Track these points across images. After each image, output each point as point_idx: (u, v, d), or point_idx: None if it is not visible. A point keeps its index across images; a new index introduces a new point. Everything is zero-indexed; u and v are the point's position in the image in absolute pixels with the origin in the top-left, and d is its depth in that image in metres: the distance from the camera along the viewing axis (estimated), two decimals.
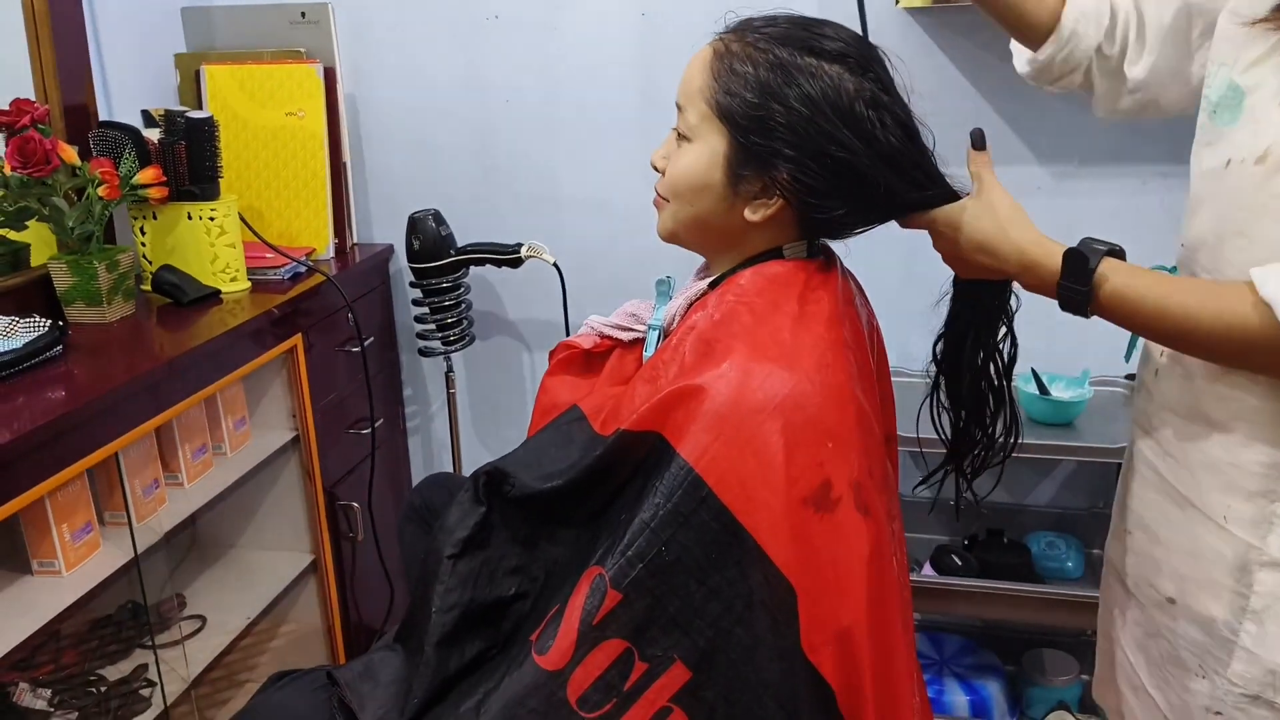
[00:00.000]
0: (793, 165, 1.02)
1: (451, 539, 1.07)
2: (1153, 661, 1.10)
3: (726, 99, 1.03)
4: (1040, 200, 1.97)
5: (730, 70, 1.03)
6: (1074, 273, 0.96)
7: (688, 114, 1.07)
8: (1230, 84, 0.94)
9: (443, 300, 2.09)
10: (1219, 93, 0.96)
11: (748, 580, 0.97)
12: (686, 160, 1.07)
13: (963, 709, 1.98)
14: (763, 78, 1.01)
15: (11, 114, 1.60)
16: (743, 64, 1.03)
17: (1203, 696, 1.02)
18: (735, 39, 1.05)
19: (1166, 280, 0.94)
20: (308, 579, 2.02)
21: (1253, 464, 0.95)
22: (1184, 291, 0.92)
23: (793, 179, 1.02)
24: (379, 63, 2.19)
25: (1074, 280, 0.96)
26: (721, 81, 1.03)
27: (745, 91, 1.02)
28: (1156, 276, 0.95)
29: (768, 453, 0.96)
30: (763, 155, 1.02)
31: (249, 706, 1.19)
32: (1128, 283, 0.94)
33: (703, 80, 1.05)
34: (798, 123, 1.01)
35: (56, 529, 1.43)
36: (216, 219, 1.83)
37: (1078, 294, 0.96)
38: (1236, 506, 0.97)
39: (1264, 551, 0.95)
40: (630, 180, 2.10)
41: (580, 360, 1.25)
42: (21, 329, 1.50)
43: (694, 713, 0.99)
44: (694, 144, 1.06)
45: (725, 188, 1.06)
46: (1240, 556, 0.97)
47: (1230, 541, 0.97)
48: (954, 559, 1.96)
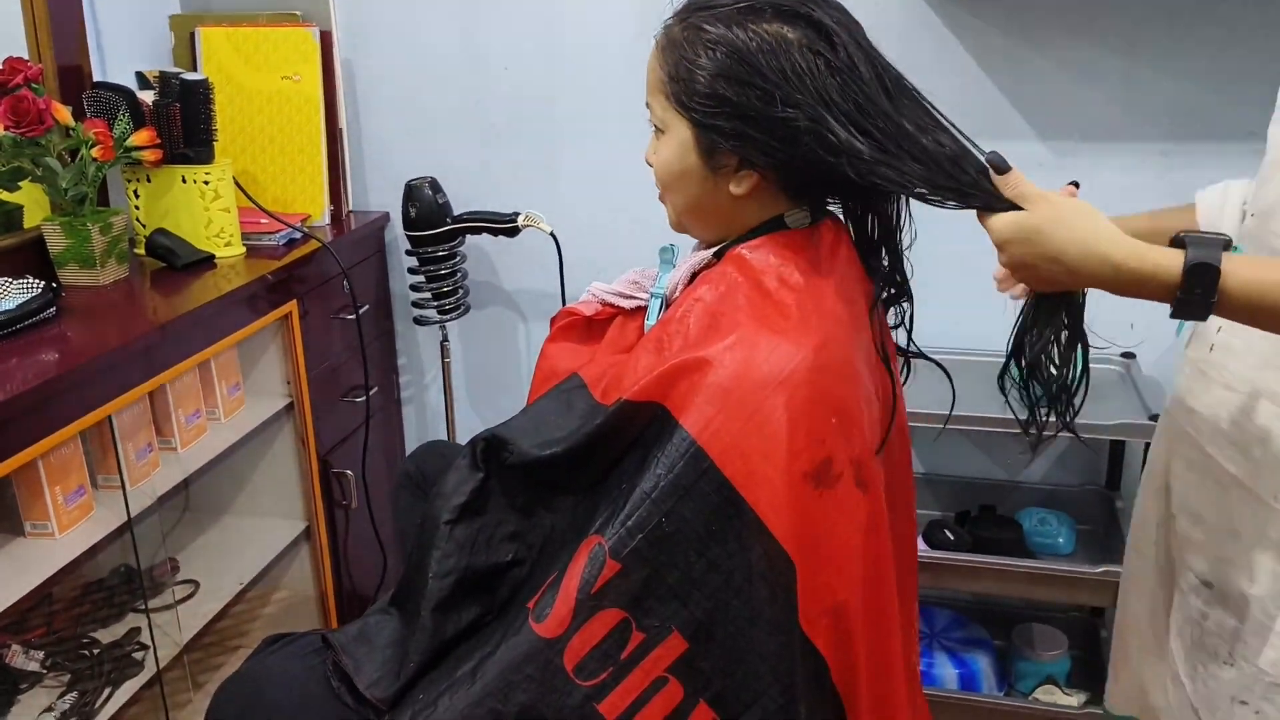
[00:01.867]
0: (746, 138, 1.01)
1: (449, 505, 1.06)
2: (1187, 649, 1.09)
3: (676, 86, 1.04)
4: (1041, 176, 1.91)
5: (675, 58, 1.04)
6: (1200, 284, 0.89)
7: (654, 108, 1.09)
8: None
9: (438, 269, 2.08)
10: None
11: (747, 553, 0.97)
12: (664, 153, 1.08)
13: (952, 682, 1.99)
14: (703, 59, 1.01)
15: (4, 72, 1.58)
16: (684, 50, 1.03)
17: (1230, 685, 1.00)
18: (677, 24, 1.06)
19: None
20: (301, 546, 2.02)
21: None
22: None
23: (755, 149, 1.01)
24: (376, 27, 2.16)
25: (1200, 290, 0.89)
26: (668, 70, 1.05)
27: (690, 77, 1.02)
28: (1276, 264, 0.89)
29: (771, 427, 0.96)
30: (722, 132, 1.02)
31: (243, 669, 1.19)
32: (1251, 278, 0.88)
33: (655, 73, 1.07)
34: (740, 94, 0.99)
35: (49, 491, 1.42)
36: (211, 183, 1.81)
37: (1202, 303, 0.89)
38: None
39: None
40: (628, 151, 2.07)
41: (581, 327, 1.24)
42: (14, 290, 1.49)
43: (690, 683, 0.99)
44: (667, 135, 1.08)
45: (703, 169, 1.06)
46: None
47: (1278, 522, 0.95)
48: (946, 534, 1.96)
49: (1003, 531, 1.97)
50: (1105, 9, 1.86)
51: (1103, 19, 1.87)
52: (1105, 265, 0.91)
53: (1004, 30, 1.91)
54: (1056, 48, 1.90)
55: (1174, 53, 1.86)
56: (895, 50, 1.05)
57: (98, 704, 1.52)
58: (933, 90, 1.06)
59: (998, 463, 2.16)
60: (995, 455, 2.15)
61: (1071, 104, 1.93)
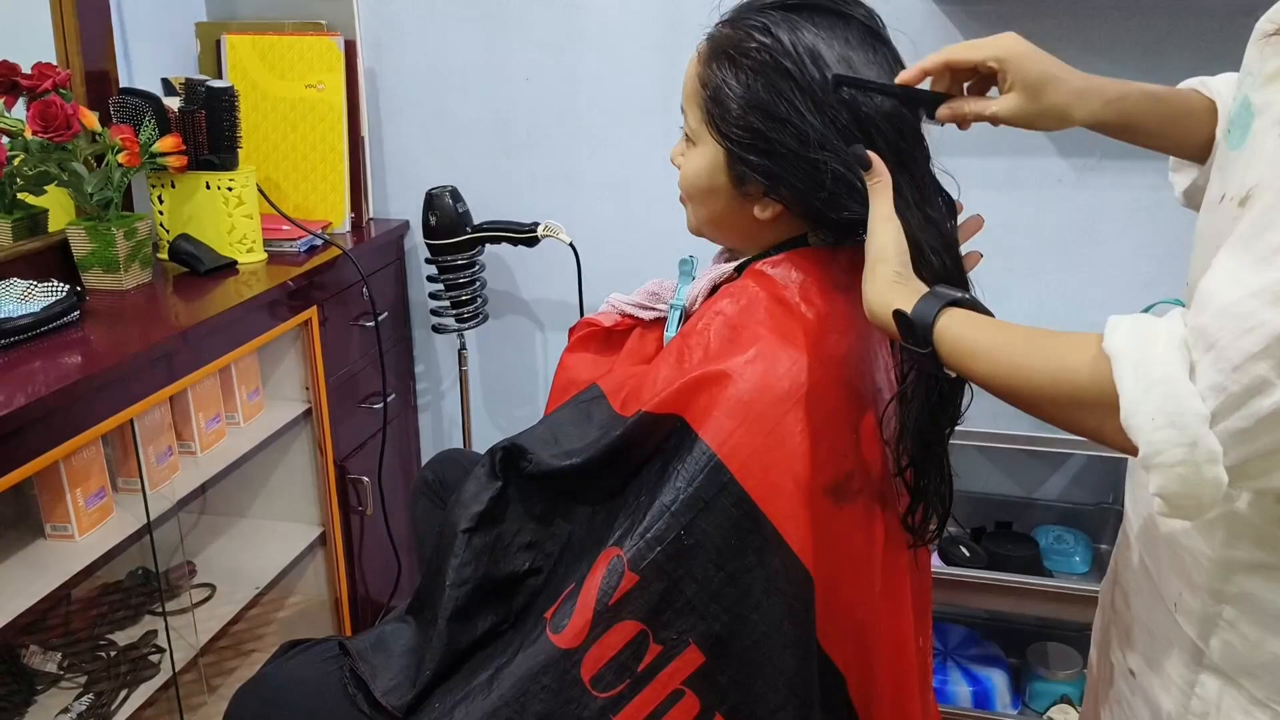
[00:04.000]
0: (774, 175, 0.99)
1: (467, 513, 1.07)
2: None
3: (714, 109, 1.01)
4: (1061, 193, 1.96)
5: (715, 78, 1.00)
6: (909, 337, 0.87)
7: (689, 118, 1.06)
8: (1244, 100, 0.82)
9: (457, 277, 2.08)
10: (1234, 109, 0.84)
11: (766, 567, 0.97)
12: (693, 165, 1.06)
13: (965, 699, 1.98)
14: (740, 89, 0.98)
15: (34, 78, 1.59)
16: (724, 70, 0.99)
17: None
18: (722, 38, 1.01)
19: (1004, 332, 0.83)
20: (316, 551, 2.03)
21: (1203, 554, 0.84)
22: (1021, 350, 0.81)
23: (781, 185, 1.00)
24: (400, 37, 2.18)
25: (913, 343, 0.87)
26: (709, 89, 1.01)
27: (728, 100, 0.99)
28: (994, 329, 0.84)
29: (791, 442, 0.96)
30: (751, 165, 1.00)
31: (261, 674, 1.19)
32: (961, 344, 0.84)
33: (694, 86, 1.04)
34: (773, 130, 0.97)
35: (71, 493, 1.43)
36: (235, 189, 1.83)
37: (921, 358, 0.87)
38: (1186, 597, 0.87)
39: (1206, 655, 0.85)
40: (648, 162, 2.09)
41: (600, 338, 1.25)
42: (39, 293, 1.50)
43: (706, 697, 0.99)
44: (698, 147, 1.05)
45: (730, 189, 1.04)
46: (1185, 651, 0.87)
47: (1179, 633, 0.87)
48: (962, 550, 1.96)
49: (1019, 549, 1.96)
50: (1127, 23, 1.86)
51: (1124, 33, 1.86)
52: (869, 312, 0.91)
53: None
54: (1077, 63, 1.88)
55: (1197, 67, 1.85)
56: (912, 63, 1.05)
57: (114, 706, 1.53)
58: None
59: (1014, 479, 2.15)
60: (1012, 472, 2.15)
61: None
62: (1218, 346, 0.69)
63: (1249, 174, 0.77)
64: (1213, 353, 0.69)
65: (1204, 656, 0.85)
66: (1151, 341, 0.71)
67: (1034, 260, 1.98)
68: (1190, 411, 0.69)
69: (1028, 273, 1.99)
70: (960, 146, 1.04)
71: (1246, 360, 0.67)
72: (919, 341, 0.86)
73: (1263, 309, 0.67)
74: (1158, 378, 0.70)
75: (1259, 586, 0.81)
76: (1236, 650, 0.83)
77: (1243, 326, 0.67)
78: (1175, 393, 0.69)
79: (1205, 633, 0.84)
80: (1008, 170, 1.96)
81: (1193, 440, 0.69)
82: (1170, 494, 0.71)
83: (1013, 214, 1.96)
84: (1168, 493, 0.71)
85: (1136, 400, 0.70)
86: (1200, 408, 0.69)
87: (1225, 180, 0.83)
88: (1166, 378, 0.70)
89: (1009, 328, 0.84)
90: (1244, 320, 0.68)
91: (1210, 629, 0.84)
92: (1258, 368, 0.67)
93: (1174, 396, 0.69)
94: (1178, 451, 0.69)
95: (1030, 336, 0.82)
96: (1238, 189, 0.78)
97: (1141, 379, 0.70)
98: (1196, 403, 0.69)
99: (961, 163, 1.05)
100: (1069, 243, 1.99)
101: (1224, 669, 0.84)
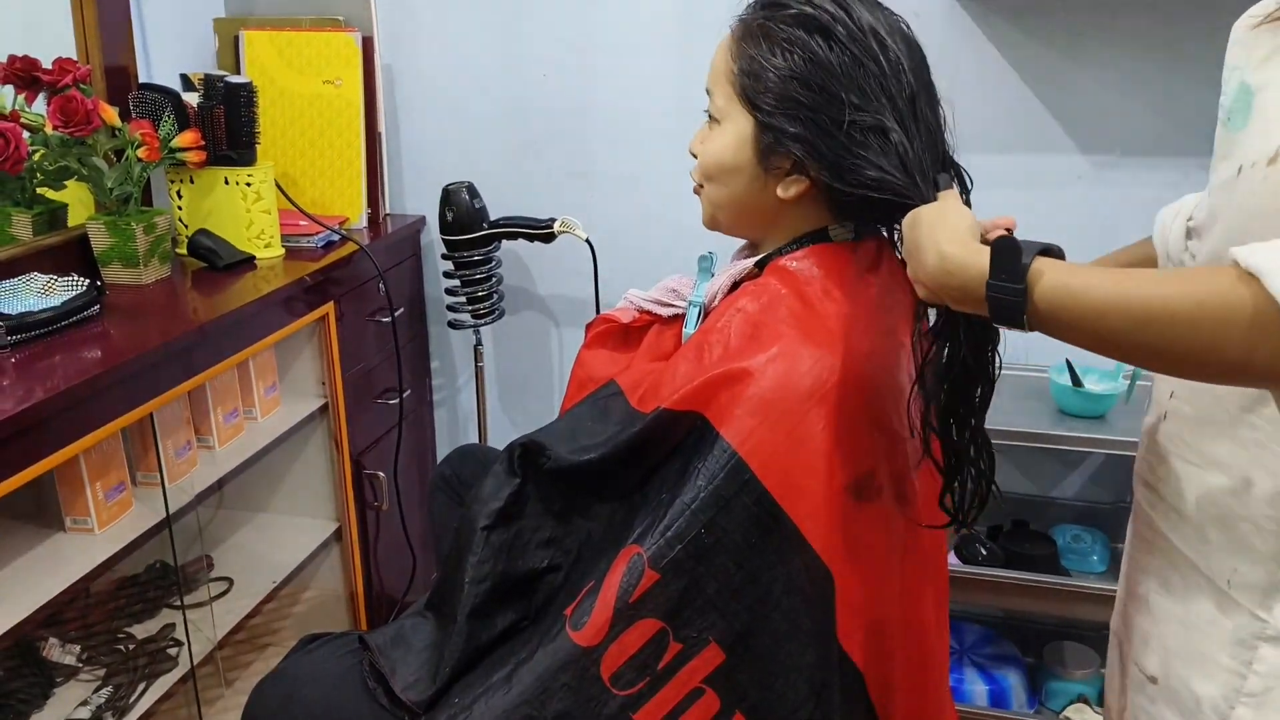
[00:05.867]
0: (807, 143, 1.00)
1: (486, 510, 1.07)
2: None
3: (745, 80, 1.03)
4: (1081, 190, 1.95)
5: (748, 52, 1.03)
6: (1005, 268, 0.81)
7: (715, 97, 1.07)
8: (1242, 85, 0.84)
9: (474, 273, 2.08)
10: (1232, 97, 0.86)
11: (787, 565, 0.97)
12: (717, 143, 1.07)
13: (982, 698, 1.97)
14: (778, 58, 1.00)
15: (54, 73, 1.60)
16: (758, 45, 1.02)
17: None
18: (755, 18, 1.04)
19: (1116, 272, 0.79)
20: (332, 546, 2.03)
21: (1269, 519, 0.83)
22: (1141, 281, 0.76)
23: (813, 155, 1.00)
24: (417, 32, 2.18)
25: (1006, 277, 0.80)
26: (740, 63, 1.03)
27: (762, 71, 1.01)
28: (1103, 270, 0.80)
29: (813, 440, 0.96)
30: (785, 134, 1.01)
31: (281, 667, 1.20)
32: (1069, 278, 0.79)
33: (724, 63, 1.06)
34: (811, 99, 0.98)
35: (90, 487, 1.44)
36: (253, 185, 1.83)
37: (1010, 294, 0.80)
38: (1244, 570, 0.85)
39: (1269, 624, 0.84)
40: (665, 158, 2.09)
41: (618, 334, 1.25)
42: (59, 288, 1.51)
43: (726, 695, 0.99)
44: (723, 126, 1.06)
45: (755, 167, 1.05)
46: (1241, 628, 0.85)
47: (1232, 611, 0.86)
48: (979, 548, 1.95)
49: (1036, 548, 1.95)
50: (1147, 21, 1.84)
51: (1145, 31, 1.85)
52: (936, 255, 0.85)
53: (1046, 42, 1.90)
54: (1098, 60, 1.89)
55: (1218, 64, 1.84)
56: (936, 62, 1.05)
57: (132, 699, 1.54)
58: (974, 102, 1.06)
59: (1031, 478, 2.14)
60: (1029, 470, 2.14)
61: (1112, 116, 1.91)
62: None
63: (1269, 138, 0.77)
64: None
65: (1267, 628, 0.84)
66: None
67: None
68: None
69: None
70: (979, 144, 1.04)
71: None
72: (1015, 278, 0.80)
73: None
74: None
75: None
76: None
77: None
78: None
79: (1269, 601, 0.84)
80: (1027, 167, 1.95)
81: None
82: None
83: (1032, 211, 1.95)
84: None
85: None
86: None
87: (1239, 155, 0.82)
88: None
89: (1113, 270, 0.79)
90: None
91: (1274, 597, 0.83)
92: None
93: None
94: None
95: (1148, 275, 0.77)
96: (1260, 153, 0.78)
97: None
98: None
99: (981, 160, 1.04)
100: (1089, 240, 1.96)
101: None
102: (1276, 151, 0.76)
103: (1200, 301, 0.72)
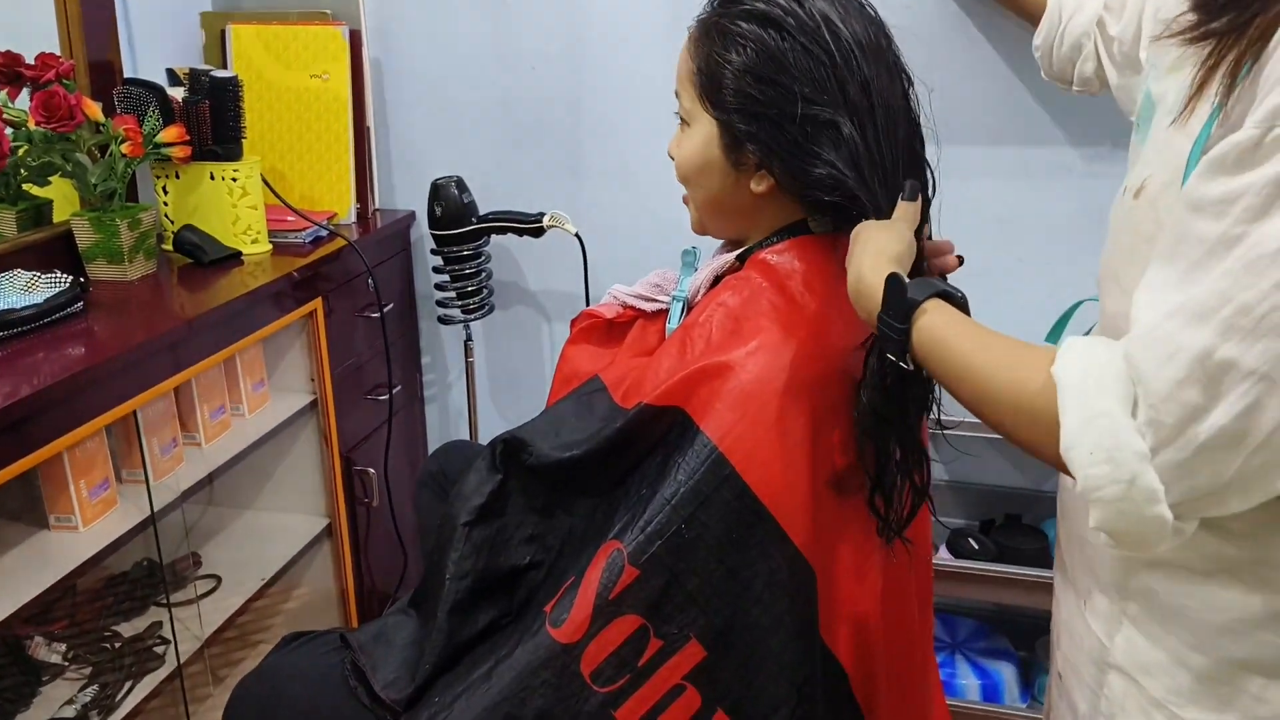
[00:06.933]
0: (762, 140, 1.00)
1: (467, 506, 1.06)
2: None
3: (704, 80, 1.03)
4: (1072, 182, 1.93)
5: (705, 51, 1.03)
6: (893, 305, 0.84)
7: (682, 99, 1.08)
8: (1147, 94, 0.82)
9: (463, 268, 2.07)
10: (1141, 103, 0.85)
11: (768, 561, 0.96)
12: (688, 144, 1.08)
13: (974, 692, 1.97)
14: (732, 54, 1.00)
15: (36, 68, 1.59)
16: (714, 43, 1.02)
17: None
18: (712, 16, 1.05)
19: (981, 337, 0.80)
20: (322, 543, 2.02)
21: (1107, 550, 0.83)
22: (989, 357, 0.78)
23: (770, 151, 1.00)
24: (405, 26, 2.16)
25: (892, 315, 0.84)
26: (698, 63, 1.04)
27: (719, 69, 1.01)
28: (974, 331, 0.81)
29: (794, 434, 0.95)
30: (741, 131, 1.01)
31: (262, 666, 1.19)
32: (945, 330, 0.81)
33: (685, 64, 1.07)
34: (763, 94, 0.98)
35: (74, 485, 1.43)
36: (239, 180, 1.82)
37: (895, 332, 0.83)
38: (1095, 594, 0.86)
39: (1110, 652, 0.84)
40: (655, 152, 2.05)
41: (602, 329, 1.24)
42: (43, 284, 1.50)
43: (708, 692, 0.98)
44: (692, 128, 1.07)
45: (725, 164, 1.05)
46: (1096, 650, 0.86)
47: (1089, 632, 0.87)
48: (970, 543, 1.94)
49: (1028, 541, 1.95)
50: None
51: None
52: (855, 275, 0.90)
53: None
54: None
55: None
56: (926, 52, 1.04)
57: (118, 697, 1.53)
58: (965, 94, 1.05)
59: (1023, 471, 2.13)
60: (1021, 464, 2.13)
61: (1103, 109, 1.90)
62: (1145, 378, 0.66)
63: (1140, 168, 0.77)
64: (1142, 386, 0.67)
65: (1109, 654, 0.83)
66: (1098, 371, 0.69)
67: (1044, 250, 1.96)
68: (1128, 448, 0.66)
69: (1038, 262, 1.97)
70: (969, 136, 1.03)
71: (1173, 388, 0.64)
72: (900, 316, 0.83)
73: (1179, 331, 0.64)
74: (1099, 410, 0.68)
75: (1158, 583, 0.80)
76: (1137, 648, 0.82)
77: (1164, 353, 0.65)
78: (1114, 427, 0.67)
79: (1111, 630, 0.83)
80: (1017, 159, 1.93)
81: (1130, 478, 0.67)
82: (1111, 529, 0.70)
83: (1023, 203, 1.94)
84: (1108, 527, 0.70)
85: (1076, 432, 0.69)
86: (1139, 444, 0.66)
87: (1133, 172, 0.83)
88: (1107, 411, 0.67)
89: (990, 333, 0.81)
90: (1163, 345, 0.65)
91: (1115, 627, 0.83)
92: (1186, 394, 0.64)
93: (1112, 431, 0.67)
94: (1115, 489, 0.67)
95: (1002, 343, 0.79)
96: (1135, 180, 0.78)
97: (1083, 410, 0.68)
98: (1135, 439, 0.66)
99: (971, 152, 1.03)
100: (1080, 232, 1.96)
101: (1126, 668, 0.82)
102: (1142, 184, 0.76)
103: (1014, 392, 0.75)
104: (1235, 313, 0.62)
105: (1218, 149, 0.64)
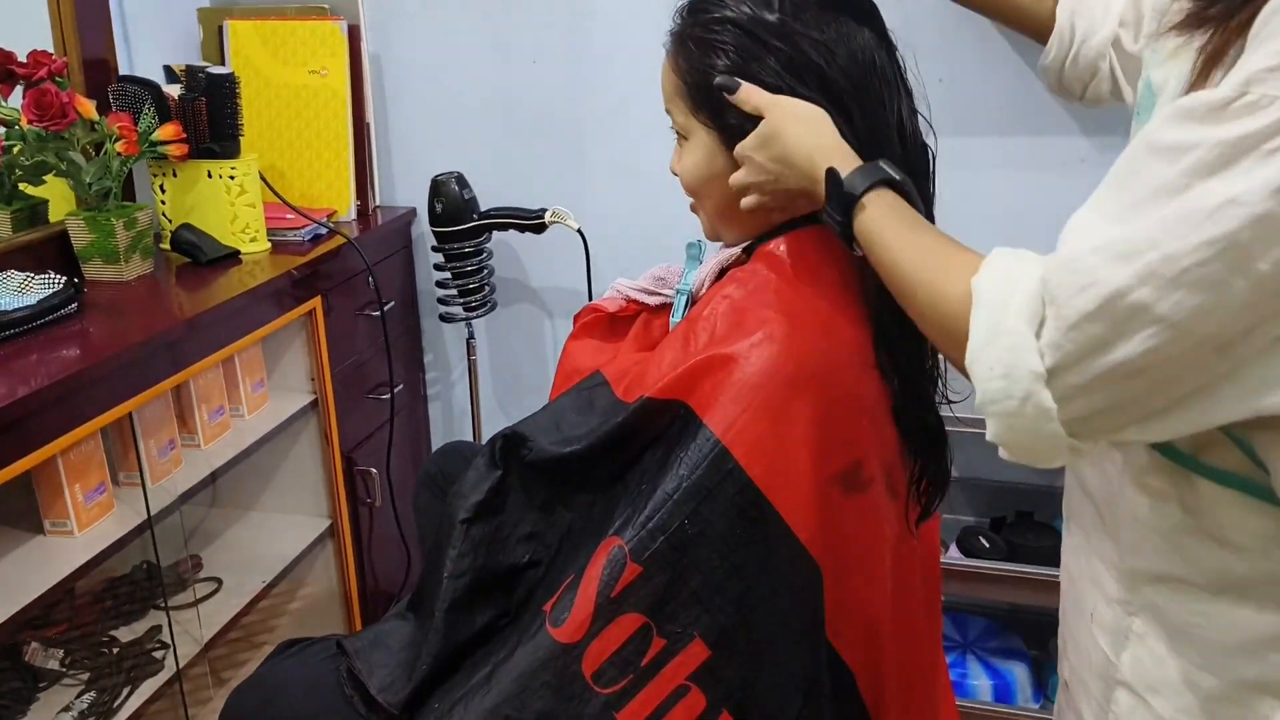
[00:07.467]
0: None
1: (466, 503, 1.04)
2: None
3: (694, 92, 1.01)
4: (1085, 172, 1.90)
5: (687, 64, 1.01)
6: (833, 197, 0.87)
7: (675, 115, 1.06)
8: (1147, 81, 0.82)
9: (465, 265, 2.05)
10: (1140, 92, 0.84)
11: (773, 558, 0.93)
12: (690, 158, 1.05)
13: (986, 692, 1.94)
14: (715, 59, 0.98)
15: (29, 66, 1.57)
16: (695, 53, 1.00)
17: None
18: (686, 27, 1.02)
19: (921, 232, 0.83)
20: (325, 544, 2.00)
21: (1113, 563, 0.81)
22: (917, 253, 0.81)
23: None
24: (403, 21, 2.14)
25: (834, 208, 0.87)
26: (684, 76, 1.02)
27: (705, 79, 0.99)
28: (902, 224, 0.83)
29: (799, 428, 0.92)
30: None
31: (257, 674, 1.17)
32: (876, 219, 0.84)
33: (670, 81, 1.04)
34: None
35: (69, 489, 1.41)
36: (237, 178, 1.80)
37: (839, 227, 0.87)
38: (1101, 608, 0.84)
39: (1118, 669, 0.82)
40: (657, 147, 2.03)
41: (605, 324, 1.22)
42: (36, 285, 1.48)
43: (712, 692, 0.95)
44: (691, 141, 1.05)
45: (732, 169, 1.02)
46: (1102, 665, 0.84)
47: (1095, 646, 0.85)
48: (981, 541, 1.91)
49: (1040, 539, 1.92)
50: None
51: None
52: (807, 161, 0.90)
53: None
54: None
55: None
56: (937, 42, 1.01)
57: (116, 703, 1.51)
58: (976, 84, 1.02)
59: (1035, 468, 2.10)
60: None
61: None
62: (1057, 302, 0.67)
63: None
64: (1053, 308, 0.68)
65: (1117, 671, 0.82)
66: (1013, 288, 0.70)
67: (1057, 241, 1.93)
68: (1025, 367, 0.68)
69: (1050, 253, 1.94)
70: (982, 126, 1.01)
71: (1081, 319, 0.66)
72: (840, 208, 0.85)
73: (1101, 266, 0.65)
74: (1005, 328, 0.69)
75: (1165, 599, 0.78)
76: (1145, 666, 0.80)
77: (1080, 283, 0.66)
78: (1016, 345, 0.69)
79: (1117, 646, 0.82)
80: (1030, 150, 1.90)
81: (1024, 394, 0.68)
82: (1005, 442, 0.73)
83: (1035, 194, 1.91)
84: (1002, 440, 0.73)
85: (980, 346, 0.71)
86: (1037, 364, 0.68)
87: None
88: (1013, 329, 0.69)
89: (925, 230, 0.83)
90: (1082, 276, 0.66)
91: (1122, 643, 0.82)
92: (1092, 328, 0.66)
93: (1014, 349, 0.69)
94: (1009, 404, 0.69)
95: (931, 244, 0.81)
96: None
97: (992, 327, 0.70)
98: (1034, 359, 0.68)
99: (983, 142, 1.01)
100: None
101: (1134, 686, 0.81)
102: None
103: (934, 302, 0.77)
104: (1160, 260, 0.63)
105: (1189, 98, 0.65)
